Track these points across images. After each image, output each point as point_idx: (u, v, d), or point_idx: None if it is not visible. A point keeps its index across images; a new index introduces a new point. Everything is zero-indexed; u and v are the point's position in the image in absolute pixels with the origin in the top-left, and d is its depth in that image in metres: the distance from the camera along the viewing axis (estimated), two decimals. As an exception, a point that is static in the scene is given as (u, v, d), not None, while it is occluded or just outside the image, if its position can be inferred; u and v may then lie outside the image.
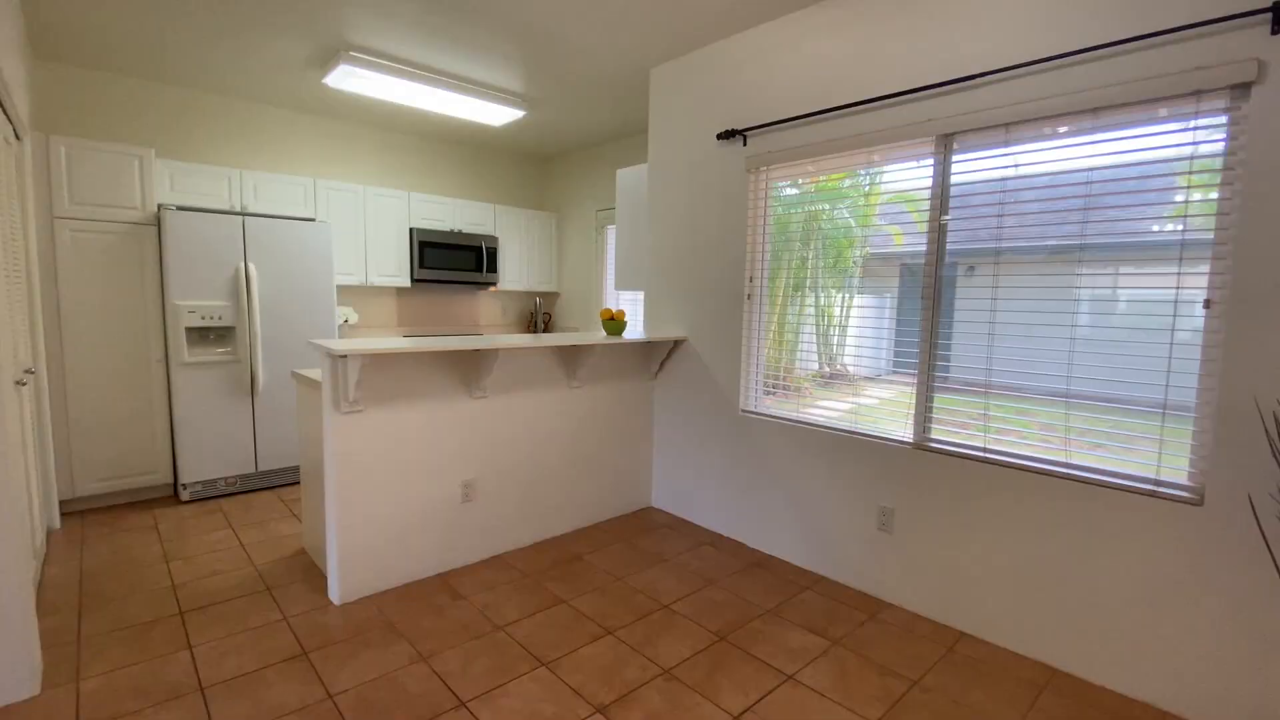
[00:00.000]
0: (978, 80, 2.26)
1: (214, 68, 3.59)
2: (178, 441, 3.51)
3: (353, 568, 2.48)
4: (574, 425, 3.20)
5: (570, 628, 2.33)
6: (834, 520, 2.78)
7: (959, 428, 2.44)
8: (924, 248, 2.48)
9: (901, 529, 2.56)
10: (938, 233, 2.45)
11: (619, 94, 3.89)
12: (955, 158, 2.41)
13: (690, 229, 3.30)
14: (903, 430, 2.59)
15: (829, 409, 2.86)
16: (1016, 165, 2.25)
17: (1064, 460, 2.17)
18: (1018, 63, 2.15)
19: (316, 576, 2.69)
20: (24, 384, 2.31)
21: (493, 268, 5.10)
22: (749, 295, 3.07)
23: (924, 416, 2.51)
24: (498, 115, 4.15)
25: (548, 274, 5.62)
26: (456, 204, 4.94)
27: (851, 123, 2.63)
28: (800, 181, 2.99)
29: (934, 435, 2.51)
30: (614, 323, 3.23)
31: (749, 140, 3.01)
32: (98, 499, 3.44)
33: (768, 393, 3.11)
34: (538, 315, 3.63)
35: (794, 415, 2.94)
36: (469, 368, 2.75)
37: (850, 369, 2.98)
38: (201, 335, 3.57)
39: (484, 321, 5.56)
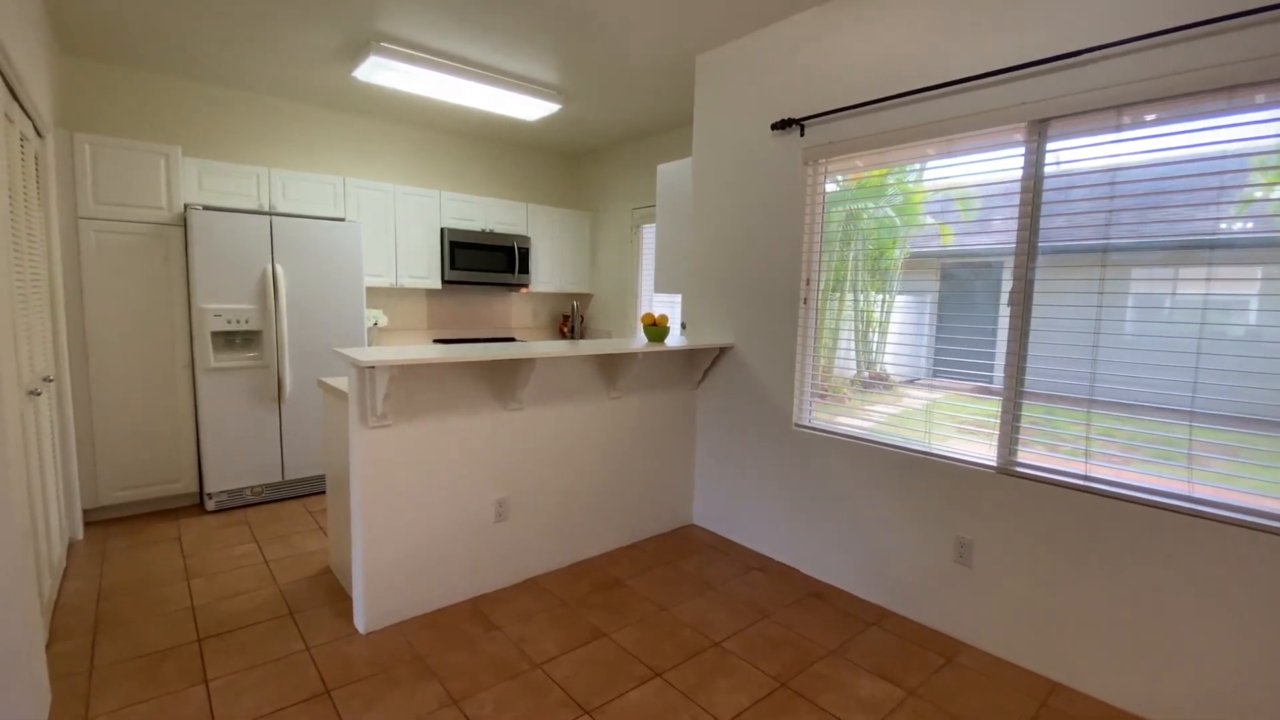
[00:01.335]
0: (1083, 58, 1.97)
1: (242, 62, 3.47)
2: (203, 450, 3.39)
3: (379, 594, 2.30)
4: (612, 438, 2.99)
5: (614, 667, 2.12)
6: (902, 549, 2.51)
7: (1050, 450, 2.16)
8: (976, 245, 2.21)
9: (983, 563, 2.28)
10: (1029, 229, 2.17)
11: (660, 85, 3.66)
12: (1051, 145, 2.13)
13: (739, 227, 3.06)
14: (984, 451, 2.31)
15: (889, 422, 2.59)
16: (1129, 153, 1.96)
17: (1186, 494, 1.88)
18: (1132, 36, 1.87)
19: (342, 599, 2.52)
20: (38, 393, 2.18)
21: (524, 269, 4.93)
22: (805, 299, 2.81)
23: (1010, 437, 2.24)
24: (532, 109, 3.96)
25: (580, 275, 5.43)
26: (488, 203, 4.77)
27: (926, 109, 2.36)
28: (840, 178, 2.74)
29: (1022, 459, 2.23)
30: (656, 329, 3.00)
31: (806, 130, 2.76)
32: (122, 508, 3.35)
33: (820, 401, 2.85)
34: (575, 319, 3.43)
35: (856, 432, 2.67)
36: (504, 378, 2.56)
37: (890, 373, 2.74)
38: (227, 340, 3.45)
39: (515, 324, 5.39)
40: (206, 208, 3.51)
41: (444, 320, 4.97)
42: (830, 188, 2.78)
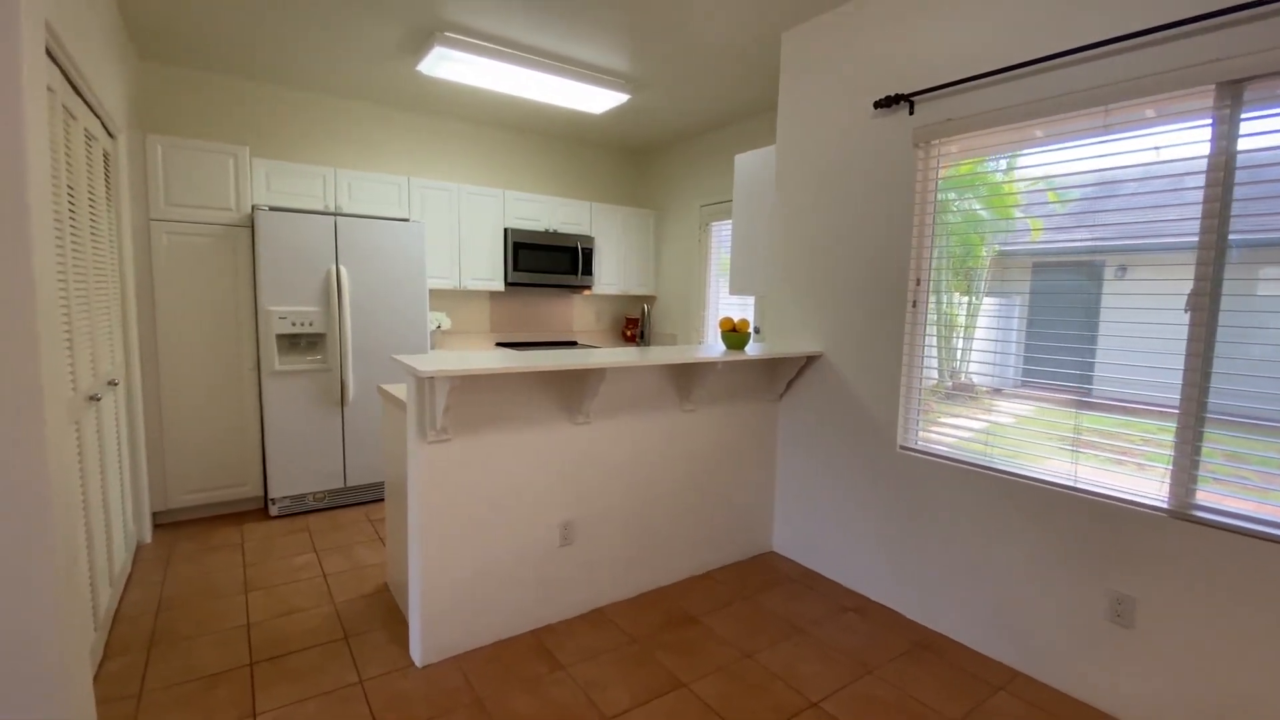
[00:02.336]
0: (1306, -7, 1.55)
1: (308, 62, 3.41)
2: (267, 454, 3.34)
3: (437, 624, 2.11)
4: (685, 455, 2.71)
5: (695, 727, 1.84)
6: (1039, 601, 2.11)
7: (1242, 490, 1.73)
8: (1071, 242, 1.79)
9: (1147, 625, 1.87)
10: (1217, 218, 1.75)
11: (738, 69, 3.36)
12: (1248, 113, 1.70)
13: (831, 220, 2.72)
14: (1150, 488, 1.89)
15: (1018, 447, 2.19)
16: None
17: None
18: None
19: (398, 623, 2.35)
20: (98, 398, 2.11)
21: (588, 270, 4.72)
22: (914, 301, 2.45)
23: (1187, 472, 1.81)
24: (600, 101, 3.74)
25: (645, 276, 5.18)
26: (552, 202, 4.59)
27: (1074, 75, 1.97)
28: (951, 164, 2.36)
29: (1201, 500, 1.80)
30: (735, 335, 2.71)
31: (917, 107, 2.40)
32: (190, 511, 3.33)
33: (931, 420, 2.47)
34: (644, 323, 3.18)
35: (976, 458, 2.29)
36: (571, 389, 2.32)
37: (976, 381, 2.39)
38: (292, 342, 3.39)
39: (577, 327, 5.20)
40: (273, 208, 3.47)
41: (506, 323, 4.84)
42: (945, 173, 2.40)
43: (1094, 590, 1.98)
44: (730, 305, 4.62)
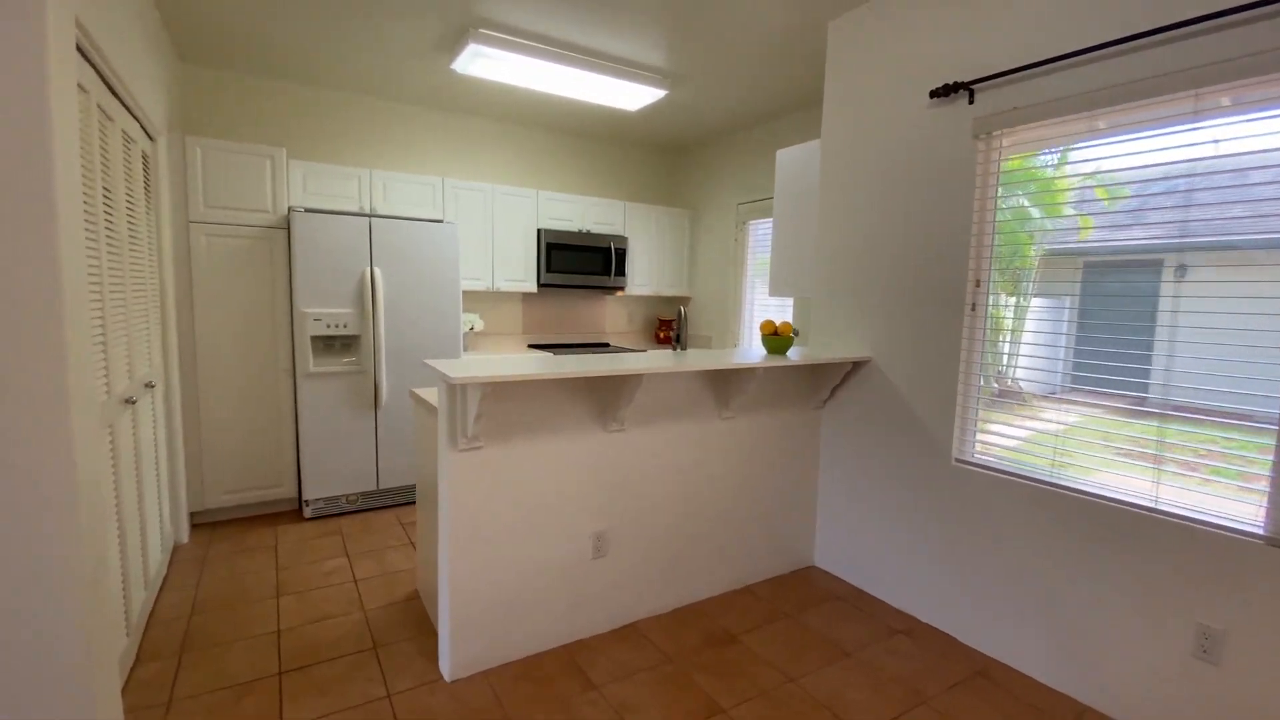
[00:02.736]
0: None
1: (344, 62, 3.40)
2: (302, 456, 3.34)
3: (466, 638, 2.04)
4: (724, 464, 2.59)
5: (736, 758, 1.72)
6: (1111, 630, 1.93)
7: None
8: (1130, 240, 1.60)
9: (1238, 663, 1.68)
10: (1332, 211, 1.55)
11: (778, 62, 3.23)
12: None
13: (881, 218, 2.57)
14: (1245, 510, 1.70)
15: (1088, 461, 2.01)
16: None
17: None
18: None
19: (428, 633, 2.29)
20: (133, 401, 2.10)
21: (621, 270, 4.63)
22: (972, 304, 2.28)
23: (1292, 497, 1.62)
24: (636, 97, 3.64)
25: (679, 277, 5.07)
26: (585, 202, 4.52)
27: (1161, 56, 1.79)
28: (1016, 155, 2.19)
29: (1311, 528, 1.60)
30: (778, 339, 2.57)
31: (977, 96, 2.23)
32: (226, 511, 3.35)
33: (990, 430, 2.30)
34: (681, 325, 3.07)
35: (1040, 474, 2.12)
36: (605, 395, 2.23)
37: (1023, 386, 2.24)
38: (326, 344, 3.38)
39: (609, 328, 5.12)
40: (308, 210, 3.47)
41: (538, 325, 4.78)
42: (1007, 165, 2.23)
43: (1177, 622, 1.79)
44: (768, 307, 4.47)
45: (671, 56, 3.21)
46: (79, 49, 1.64)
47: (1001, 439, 2.27)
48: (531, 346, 4.58)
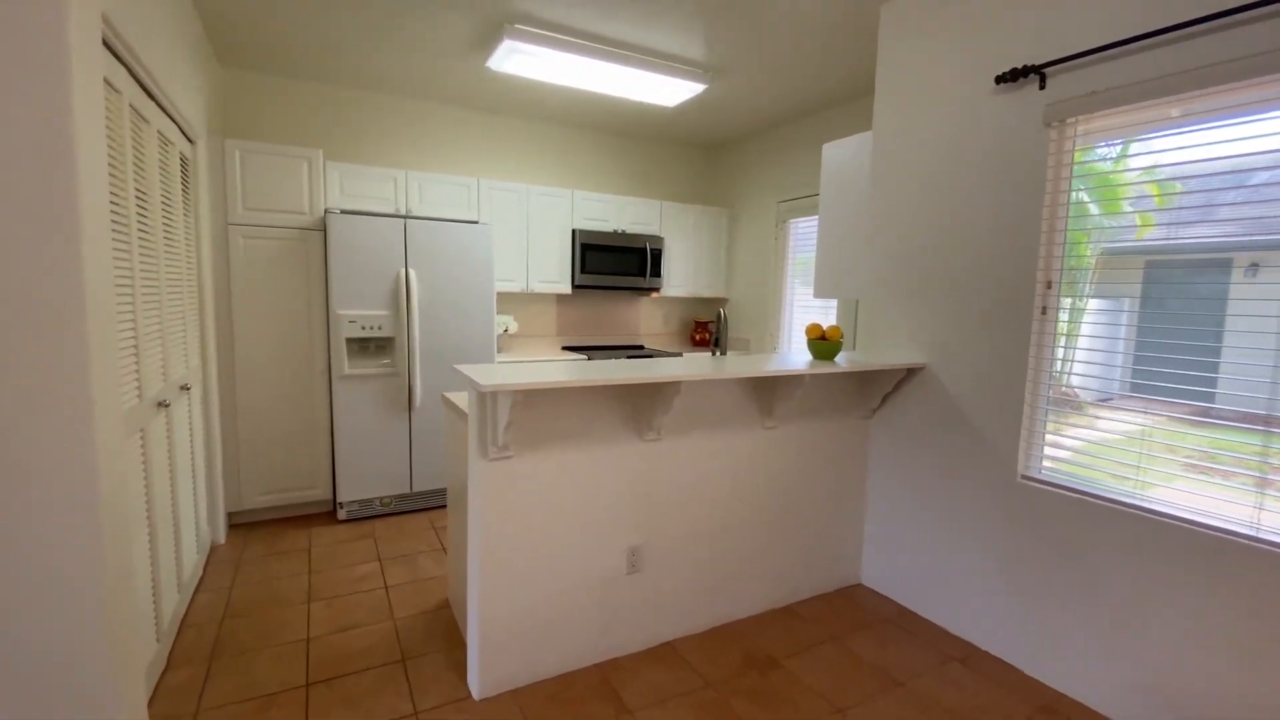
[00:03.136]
0: None
1: (380, 62, 3.38)
2: (337, 458, 3.33)
3: (496, 655, 1.95)
4: (766, 475, 2.45)
5: (782, 800, 1.59)
6: (1203, 668, 1.73)
7: None
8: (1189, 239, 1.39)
9: (1371, 723, 1.46)
10: None
11: (826, 51, 3.07)
12: None
13: (938, 214, 2.39)
14: (1375, 549, 1.49)
15: (1185, 483, 1.80)
16: None
17: None
18: None
19: (457, 645, 2.22)
20: (166, 404, 2.08)
21: (656, 271, 4.52)
22: (1043, 308, 2.09)
23: None
24: (673, 93, 3.52)
25: (716, 278, 4.93)
26: (621, 202, 4.42)
27: (1263, 32, 1.58)
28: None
29: None
30: (825, 344, 2.42)
31: (1050, 80, 2.04)
32: (262, 512, 3.37)
33: (1060, 444, 2.10)
34: (720, 328, 2.94)
35: (1126, 496, 1.91)
36: (641, 403, 2.12)
37: (1092, 397, 2.05)
38: (361, 346, 3.36)
39: (644, 330, 5.02)
40: (344, 211, 3.46)
41: (572, 326, 4.71)
42: (1082, 156, 2.04)
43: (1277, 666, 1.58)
44: (808, 309, 4.30)
45: (712, 48, 3.08)
46: (108, 46, 1.61)
47: (1073, 454, 2.07)
48: (565, 348, 4.50)
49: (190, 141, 2.69)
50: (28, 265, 1.28)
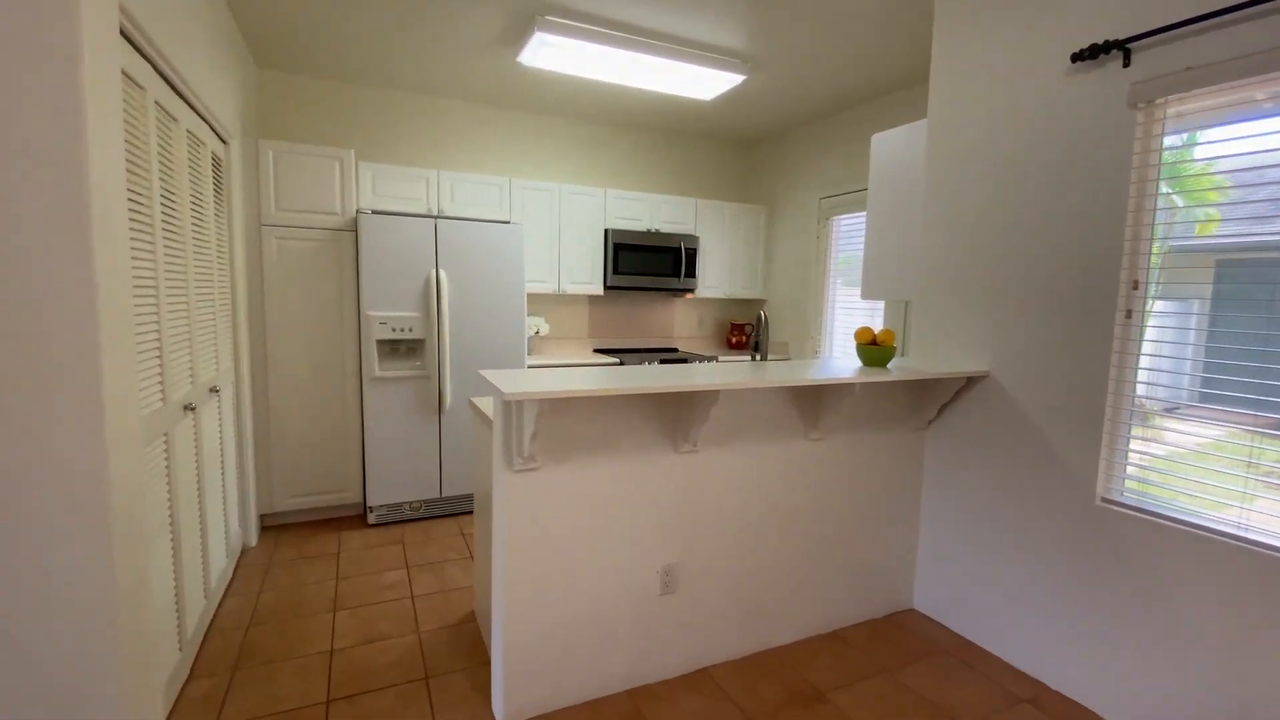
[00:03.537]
0: None
1: (411, 60, 3.33)
2: (367, 462, 3.29)
3: (521, 678, 1.84)
4: (811, 491, 2.28)
5: None
6: (1330, 735, 1.49)
7: None
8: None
9: None
10: None
11: (874, 36, 2.88)
12: None
13: (1003, 207, 2.19)
14: None
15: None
16: None
17: None
18: None
19: (482, 663, 2.13)
20: (193, 408, 2.04)
21: (691, 272, 4.37)
22: (1128, 311, 1.87)
23: None
24: (712, 84, 3.38)
25: (752, 278, 4.75)
26: (654, 200, 4.30)
27: None
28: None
29: None
30: (877, 349, 2.24)
31: (1135, 56, 1.83)
32: (294, 515, 3.35)
33: (1143, 466, 1.88)
34: (760, 331, 2.78)
35: (1228, 526, 1.68)
36: (676, 413, 1.98)
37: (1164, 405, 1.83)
38: (392, 348, 3.32)
39: (678, 333, 4.87)
40: (376, 212, 3.43)
41: (604, 328, 4.60)
42: (1172, 141, 1.82)
43: None
44: (852, 311, 4.09)
45: (752, 37, 2.92)
46: (127, 38, 1.56)
47: (1162, 475, 1.84)
48: (597, 351, 4.40)
49: (224, 142, 2.67)
50: (33, 266, 1.22)
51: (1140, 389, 1.88)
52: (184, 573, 1.97)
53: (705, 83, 3.35)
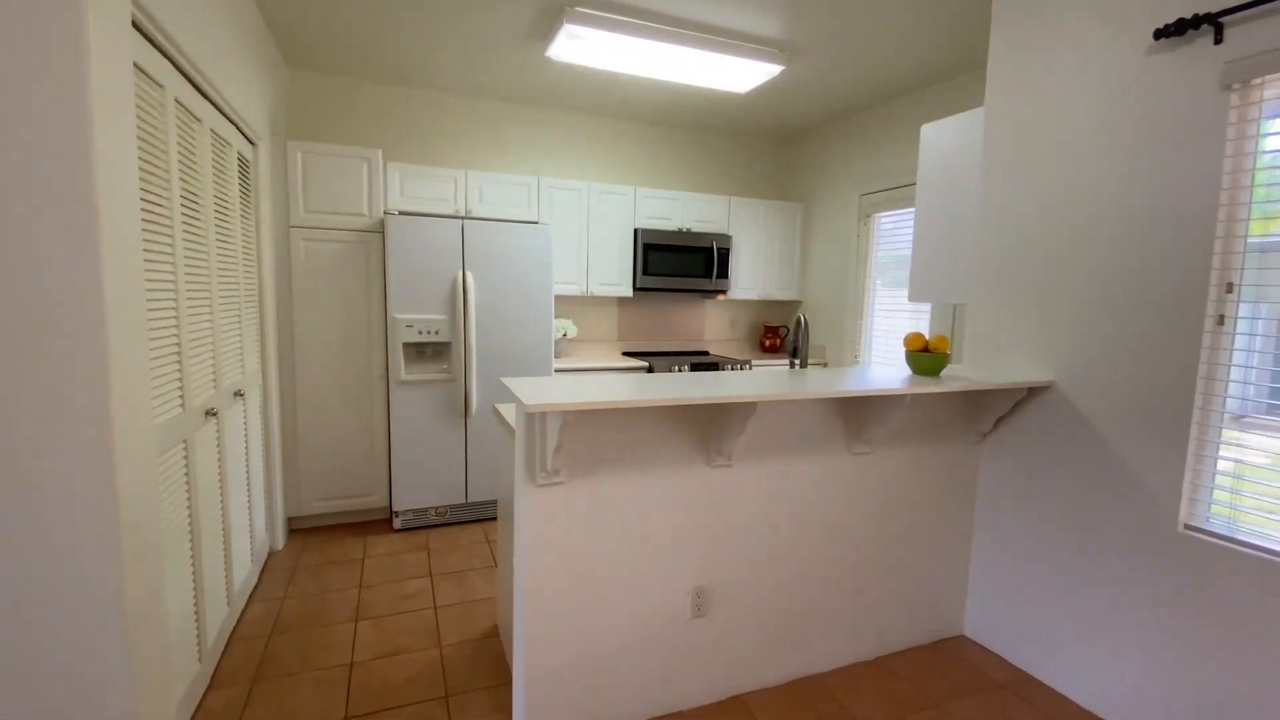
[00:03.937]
0: None
1: (439, 58, 3.27)
2: (393, 466, 3.25)
3: (544, 706, 1.74)
4: (854, 508, 2.13)
5: None
6: None
7: None
8: None
9: None
10: None
11: (920, 20, 2.70)
12: None
13: (1072, 202, 2.00)
14: None
15: None
16: None
17: None
18: None
19: (503, 683, 2.04)
20: (214, 413, 2.01)
21: (723, 272, 4.23)
22: (1219, 317, 1.68)
23: None
24: (747, 76, 3.24)
25: (787, 279, 4.58)
26: (686, 198, 4.17)
27: None
28: None
29: None
30: (928, 356, 2.07)
31: (1228, 31, 1.63)
32: (320, 519, 3.34)
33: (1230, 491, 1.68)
34: (800, 337, 2.62)
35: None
36: (709, 424, 1.86)
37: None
38: (419, 351, 3.27)
39: (709, 335, 4.73)
40: (402, 213, 3.39)
41: (633, 331, 4.49)
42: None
43: None
44: (894, 314, 3.89)
45: (790, 25, 2.78)
46: (143, 32, 1.51)
47: (1259, 500, 1.64)
48: (626, 354, 4.29)
49: (251, 143, 2.65)
50: (38, 272, 1.17)
51: (1231, 404, 1.68)
52: (204, 581, 1.93)
53: (740, 74, 3.21)
